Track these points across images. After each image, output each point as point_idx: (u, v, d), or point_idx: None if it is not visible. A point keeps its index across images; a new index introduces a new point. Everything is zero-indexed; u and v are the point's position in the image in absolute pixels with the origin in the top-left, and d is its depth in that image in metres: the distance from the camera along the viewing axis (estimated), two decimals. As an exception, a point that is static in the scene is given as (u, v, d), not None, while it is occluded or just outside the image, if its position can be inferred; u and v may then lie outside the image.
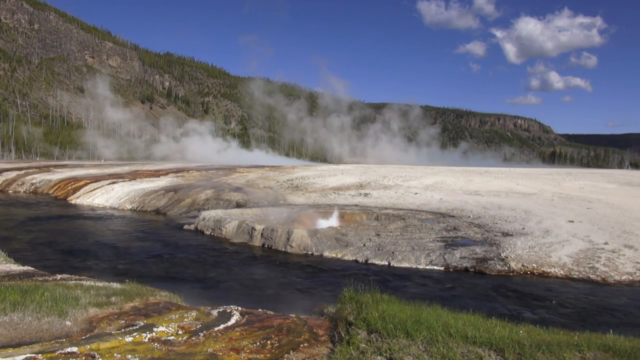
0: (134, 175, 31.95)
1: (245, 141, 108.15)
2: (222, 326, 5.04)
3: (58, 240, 14.09)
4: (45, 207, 22.48)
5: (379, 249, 11.67)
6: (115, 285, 7.19)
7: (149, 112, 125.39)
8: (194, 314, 5.51)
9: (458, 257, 10.83)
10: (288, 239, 12.63)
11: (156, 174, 33.89)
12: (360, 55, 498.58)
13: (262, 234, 13.34)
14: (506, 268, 10.18)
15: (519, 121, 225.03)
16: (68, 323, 4.77)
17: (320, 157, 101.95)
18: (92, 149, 78.58)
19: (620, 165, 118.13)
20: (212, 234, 14.76)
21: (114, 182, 27.50)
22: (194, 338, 4.63)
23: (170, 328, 4.89)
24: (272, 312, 5.89)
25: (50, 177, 32.52)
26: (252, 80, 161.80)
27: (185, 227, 16.32)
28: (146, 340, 4.47)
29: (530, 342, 4.30)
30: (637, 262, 10.09)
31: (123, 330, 4.75)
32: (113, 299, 5.94)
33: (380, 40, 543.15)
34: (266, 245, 12.99)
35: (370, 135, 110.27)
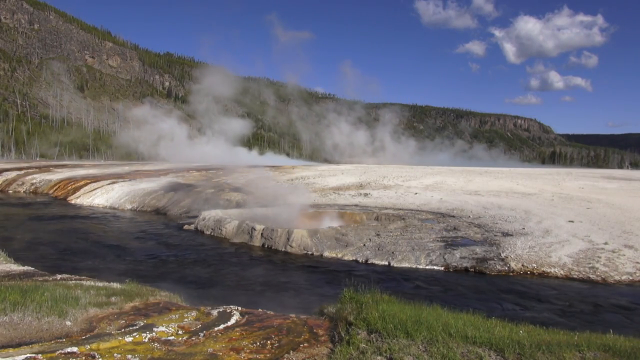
0: (133, 175, 31.95)
1: (245, 141, 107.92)
2: (222, 326, 5.03)
3: (58, 240, 14.09)
4: (45, 207, 22.47)
5: (379, 249, 11.66)
6: (115, 285, 7.19)
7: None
8: (194, 314, 5.51)
9: (458, 257, 10.83)
10: (288, 239, 12.62)
11: (156, 173, 33.88)
12: (357, 55, 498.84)
13: (262, 234, 13.34)
14: (506, 268, 10.18)
15: (519, 121, 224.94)
16: (68, 323, 4.77)
17: (318, 156, 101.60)
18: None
19: (620, 165, 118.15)
20: (212, 234, 14.76)
21: (114, 182, 27.50)
22: (194, 338, 4.62)
23: (170, 328, 4.89)
24: (272, 312, 5.89)
25: (50, 177, 32.52)
26: (252, 80, 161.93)
27: (185, 227, 16.32)
28: (146, 340, 4.47)
29: (530, 342, 4.30)
30: (637, 262, 10.09)
31: (123, 330, 4.75)
32: (113, 299, 5.94)
33: (378, 40, 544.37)
34: (266, 245, 12.99)
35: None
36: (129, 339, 4.44)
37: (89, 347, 4.15)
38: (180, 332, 4.82)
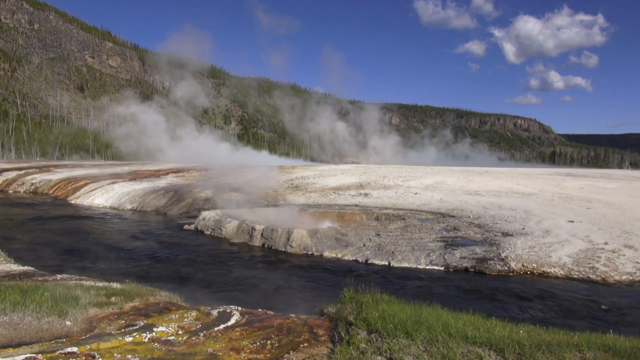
0: (133, 175, 31.95)
1: (245, 141, 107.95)
2: (222, 326, 5.03)
3: (58, 240, 14.08)
4: (45, 207, 22.47)
5: (379, 249, 11.66)
6: (115, 285, 7.19)
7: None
8: (194, 314, 5.51)
9: (458, 257, 10.83)
10: (288, 239, 12.62)
11: (156, 174, 33.89)
12: (356, 55, 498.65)
13: (262, 234, 13.34)
14: (506, 268, 10.18)
15: (519, 121, 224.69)
16: (68, 323, 4.77)
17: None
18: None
19: (620, 165, 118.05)
20: (212, 234, 14.76)
21: (113, 182, 27.49)
22: (194, 338, 4.62)
23: (170, 328, 4.89)
24: (272, 312, 5.89)
25: (50, 177, 32.51)
26: (252, 80, 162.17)
27: (185, 227, 16.32)
28: (146, 340, 4.47)
29: (530, 342, 4.29)
30: (637, 262, 10.09)
31: (123, 330, 4.75)
32: (113, 299, 5.93)
33: (376, 39, 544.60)
34: (266, 245, 12.99)
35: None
36: (129, 339, 4.44)
37: (89, 347, 4.15)
38: (180, 332, 4.81)
